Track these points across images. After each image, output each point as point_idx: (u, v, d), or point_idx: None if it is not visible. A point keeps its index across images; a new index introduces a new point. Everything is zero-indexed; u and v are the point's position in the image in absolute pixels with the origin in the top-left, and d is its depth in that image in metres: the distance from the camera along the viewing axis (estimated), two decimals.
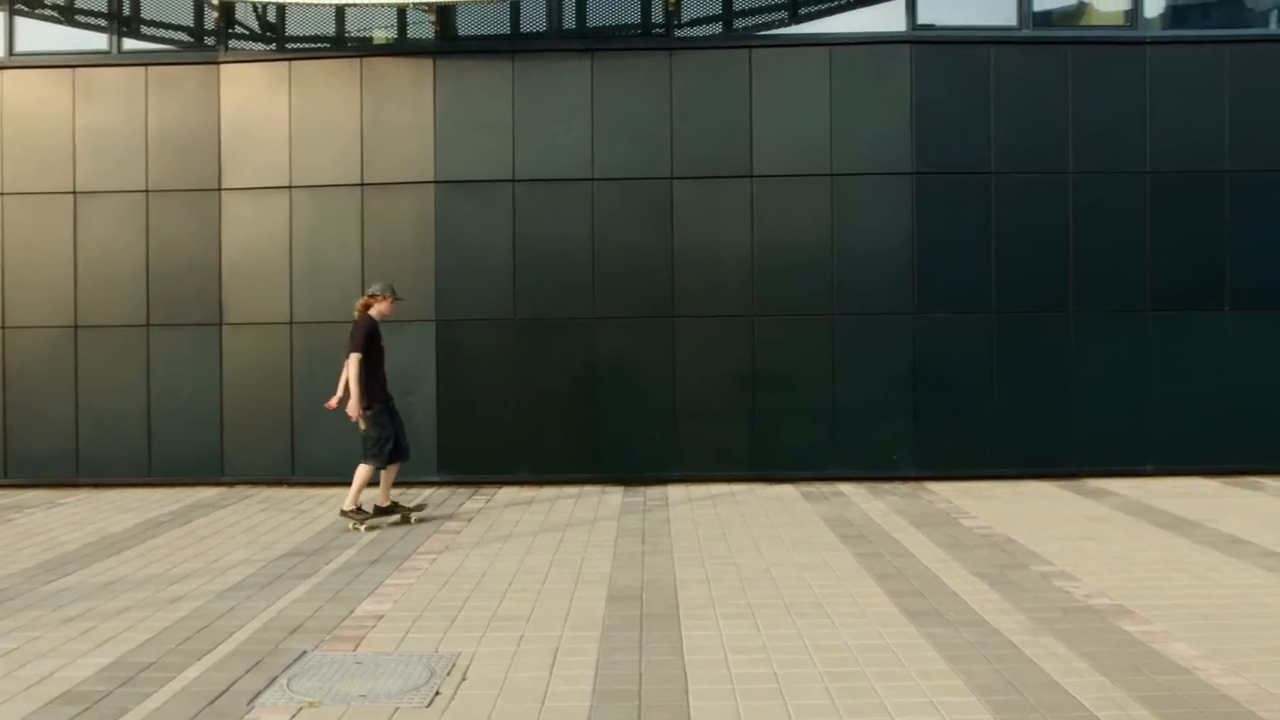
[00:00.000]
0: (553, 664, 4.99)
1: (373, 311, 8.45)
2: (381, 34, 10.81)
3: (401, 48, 10.66)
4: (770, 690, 4.59)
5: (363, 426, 8.35)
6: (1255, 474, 10.42)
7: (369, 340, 8.31)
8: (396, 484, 8.84)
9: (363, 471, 8.37)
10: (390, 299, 8.50)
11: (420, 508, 9.01)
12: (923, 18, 10.47)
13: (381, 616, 5.85)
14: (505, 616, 5.82)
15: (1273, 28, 10.97)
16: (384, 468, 8.46)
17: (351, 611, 5.96)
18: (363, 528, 8.28)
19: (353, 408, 8.24)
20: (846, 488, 10.00)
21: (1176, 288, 10.42)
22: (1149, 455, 10.46)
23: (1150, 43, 10.45)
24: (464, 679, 4.80)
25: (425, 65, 10.45)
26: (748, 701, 4.47)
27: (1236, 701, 4.42)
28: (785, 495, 9.66)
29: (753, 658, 5.02)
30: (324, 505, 9.41)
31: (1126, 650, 5.09)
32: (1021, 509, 8.91)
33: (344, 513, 8.34)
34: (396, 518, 8.52)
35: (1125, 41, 10.48)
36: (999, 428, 10.37)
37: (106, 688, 4.72)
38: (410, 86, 10.45)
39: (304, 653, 5.21)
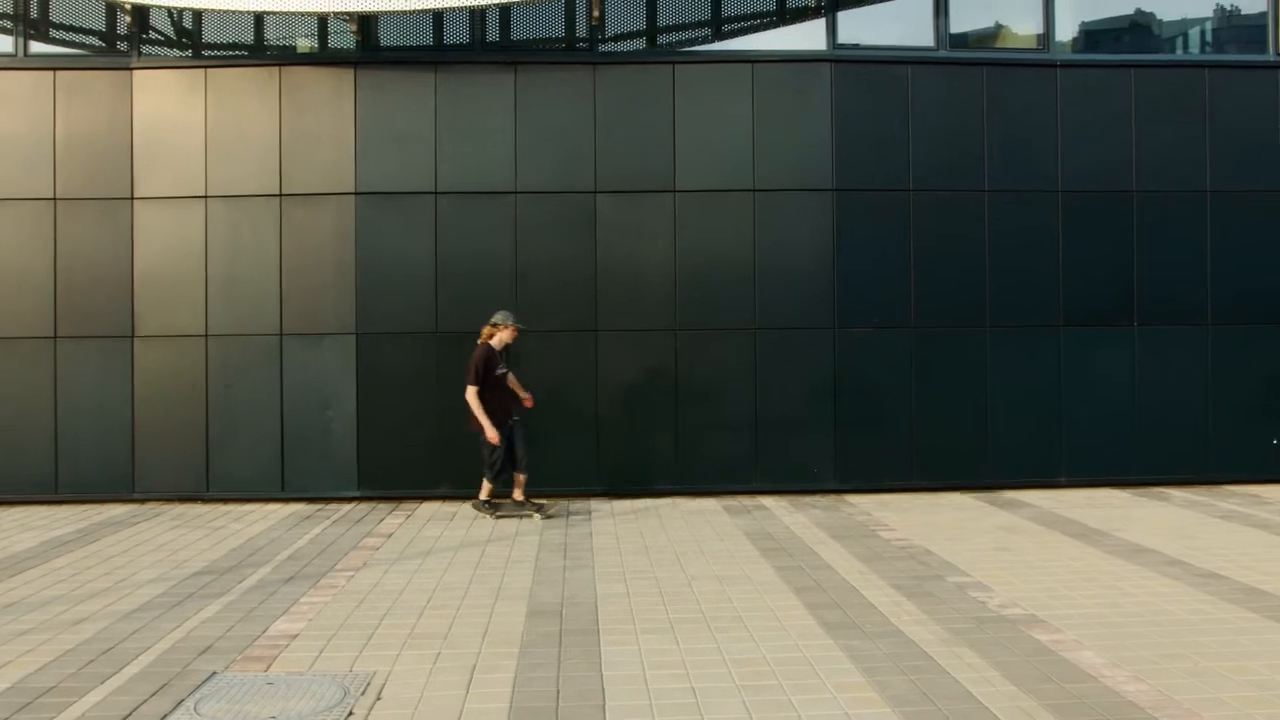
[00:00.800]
0: (469, 682, 4.93)
1: (494, 341, 9.13)
2: (303, 43, 10.65)
3: (322, 57, 10.51)
4: (688, 705, 4.59)
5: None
6: (1163, 485, 10.72)
7: (485, 369, 9.03)
8: (314, 499, 8.66)
9: (484, 487, 9.34)
10: (513, 327, 9.18)
11: (539, 506, 9.43)
12: (843, 37, 10.63)
13: (295, 635, 5.73)
14: (422, 634, 5.74)
15: (1178, 53, 11.34)
16: (493, 482, 9.30)
17: (264, 631, 5.83)
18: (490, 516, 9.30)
19: (490, 434, 9.04)
20: (769, 501, 10.07)
21: (1088, 304, 10.70)
22: (1062, 467, 10.71)
23: (1061, 65, 10.74)
24: (378, 699, 4.72)
25: (346, 75, 10.32)
26: (665, 717, 4.46)
27: (1141, 708, 4.53)
28: (708, 509, 9.69)
29: (671, 672, 5.02)
30: (240, 522, 9.21)
31: (1037, 659, 5.19)
32: (939, 521, 9.05)
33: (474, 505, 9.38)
34: (497, 514, 9.35)
35: (1037, 64, 10.76)
36: (918, 441, 10.53)
37: (3, 715, 4.54)
38: (331, 96, 10.31)
39: (213, 674, 5.08)
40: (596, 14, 10.39)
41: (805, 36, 10.65)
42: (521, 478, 9.36)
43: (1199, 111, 10.85)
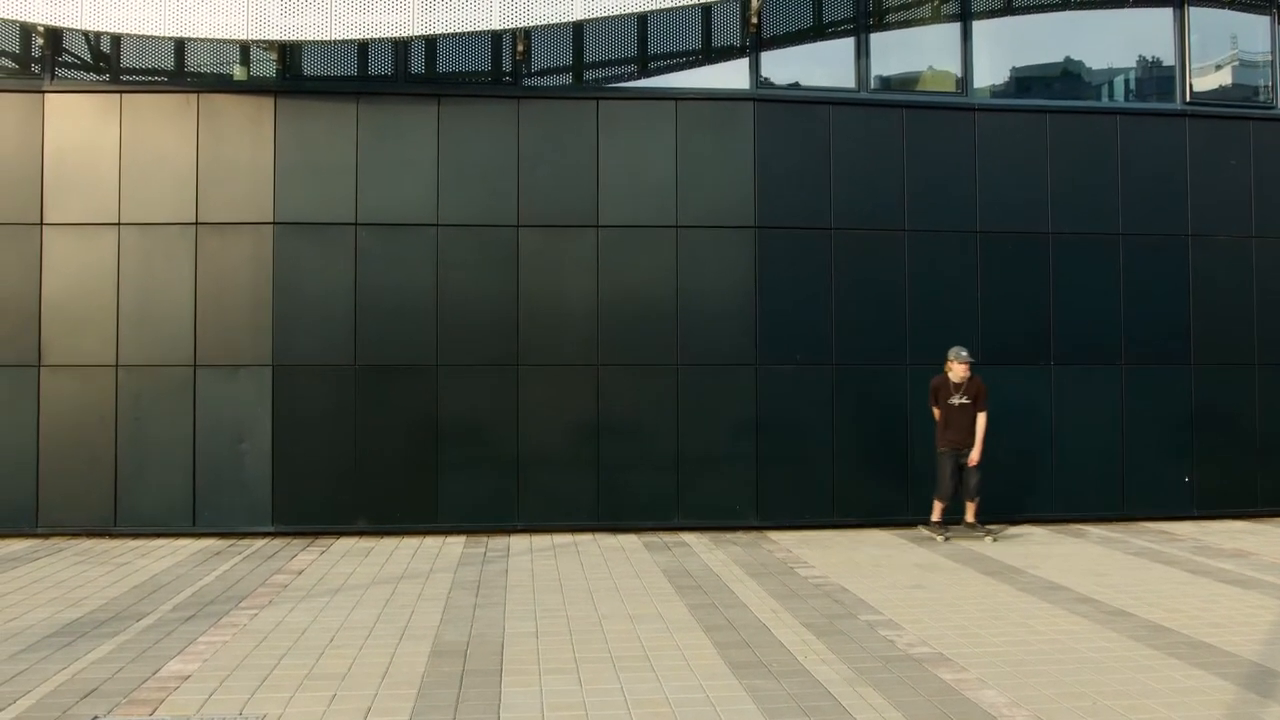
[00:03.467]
0: None
1: (951, 374, 9.88)
2: (223, 70, 10.49)
3: (242, 85, 10.36)
4: None
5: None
6: (1081, 522, 10.88)
7: (934, 395, 10.05)
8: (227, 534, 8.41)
9: (935, 508, 10.11)
10: (953, 362, 9.88)
11: (990, 530, 10.06)
12: (766, 76, 10.76)
13: (187, 676, 5.54)
14: (320, 675, 5.58)
15: (1091, 100, 11.62)
16: (940, 501, 10.07)
17: (155, 672, 5.63)
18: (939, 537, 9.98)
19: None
20: (690, 538, 10.02)
21: (1005, 342, 10.87)
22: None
23: (979, 109, 10.96)
24: None
25: (266, 103, 10.19)
26: None
27: None
28: (628, 546, 9.61)
29: (570, 714, 4.92)
30: (146, 558, 8.94)
31: (939, 699, 5.19)
32: (858, 558, 9.07)
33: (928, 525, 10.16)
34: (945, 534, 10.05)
35: (956, 107, 10.97)
36: (840, 477, 10.58)
37: None
38: (250, 124, 10.16)
39: (95, 718, 4.87)
40: (521, 48, 10.40)
41: (729, 75, 10.76)
42: (971, 505, 10.04)
43: (1111, 157, 11.13)
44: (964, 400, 9.81)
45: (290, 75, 10.38)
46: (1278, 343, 11.31)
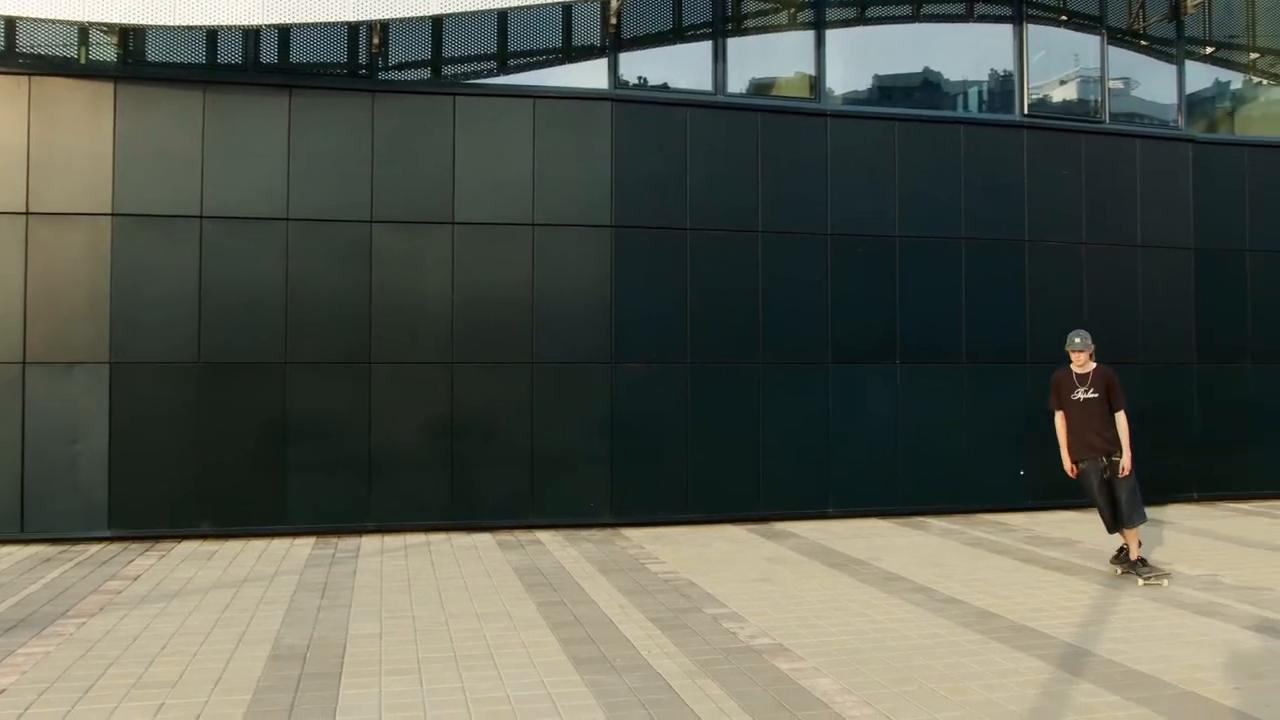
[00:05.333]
0: None
1: (1073, 365, 8.27)
2: (59, 52, 9.99)
3: (79, 68, 9.90)
4: None
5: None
6: (924, 514, 11.30)
7: (1055, 392, 8.38)
8: (59, 540, 8.02)
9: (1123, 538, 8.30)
10: (1071, 351, 8.25)
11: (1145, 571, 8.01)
12: (625, 77, 10.84)
13: (2, 691, 5.27)
14: (149, 684, 5.39)
15: (936, 110, 12.06)
16: (1112, 531, 8.21)
17: None
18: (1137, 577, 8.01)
19: (1065, 464, 8.29)
20: (545, 535, 10.03)
21: (855, 342, 11.21)
22: (831, 499, 11.13)
23: (831, 115, 11.27)
24: None
25: (106, 89, 9.76)
26: None
27: None
28: (482, 544, 9.56)
29: (407, 715, 4.88)
30: None
31: (775, 688, 5.32)
32: (709, 553, 9.22)
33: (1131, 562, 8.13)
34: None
35: (810, 113, 11.25)
36: (693, 474, 10.74)
37: None
38: (88, 111, 9.72)
39: None
40: (377, 41, 10.24)
41: (588, 75, 10.81)
42: (1131, 535, 8.05)
43: (955, 164, 11.59)
44: (1090, 394, 8.11)
45: (133, 61, 9.97)
46: (1103, 341, 11.90)
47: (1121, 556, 8.21)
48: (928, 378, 11.45)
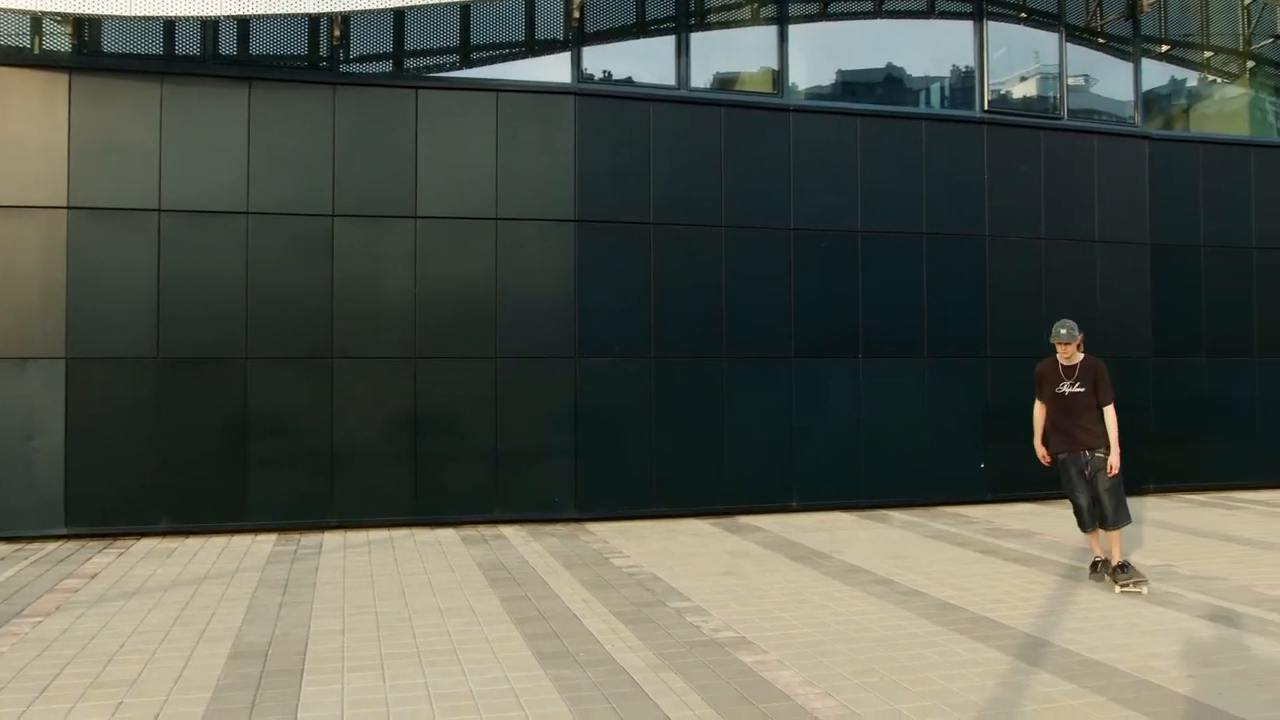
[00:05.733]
0: None
1: (1060, 356, 7.76)
2: (10, 42, 9.83)
3: (32, 58, 9.73)
4: None
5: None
6: (886, 508, 11.40)
7: (1038, 387, 7.92)
8: (14, 538, 7.91)
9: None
10: (1055, 342, 7.72)
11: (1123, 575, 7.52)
12: (588, 71, 10.83)
13: None
14: (106, 683, 5.32)
15: (898, 105, 12.13)
16: (1085, 530, 7.80)
17: None
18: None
19: (1038, 450, 7.93)
20: (509, 530, 10.01)
21: (817, 336, 11.27)
22: (794, 492, 11.19)
23: (794, 110, 11.32)
24: None
25: (60, 80, 9.60)
26: None
27: None
28: (445, 540, 9.53)
29: (370, 711, 4.86)
30: None
31: (738, 681, 5.35)
32: (673, 547, 9.24)
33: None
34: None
35: (772, 108, 11.29)
36: (657, 468, 10.76)
37: None
38: (41, 101, 9.56)
39: None
40: (338, 33, 10.15)
41: (552, 69, 10.78)
42: (1114, 537, 7.55)
43: (917, 159, 11.68)
44: (1077, 388, 7.62)
45: (88, 51, 9.83)
46: None
47: (1100, 567, 7.76)
48: (890, 372, 11.54)
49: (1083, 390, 7.60)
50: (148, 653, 5.87)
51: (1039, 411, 7.92)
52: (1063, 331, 7.61)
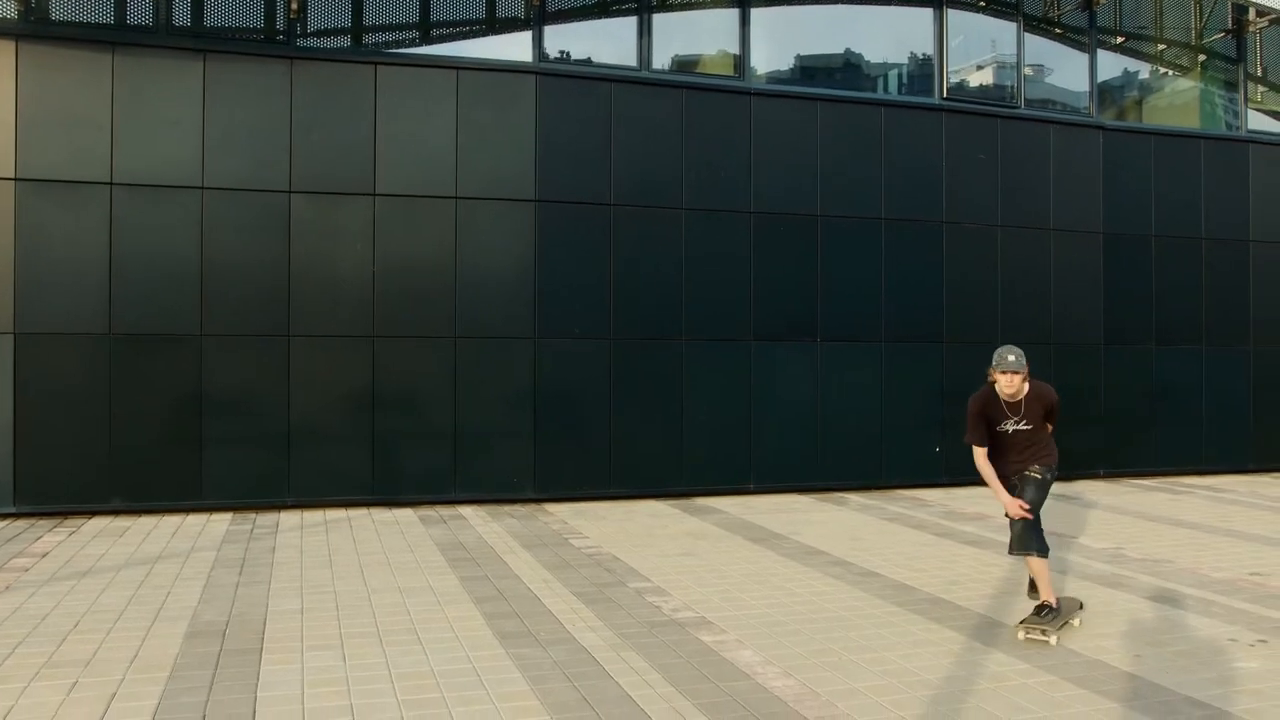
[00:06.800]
0: (105, 713, 4.55)
1: (1000, 387, 6.10)
2: None
3: None
4: None
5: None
6: (843, 490, 11.51)
7: (972, 425, 6.26)
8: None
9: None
10: (998, 371, 6.07)
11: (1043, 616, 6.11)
12: (549, 51, 10.76)
13: None
14: (60, 663, 5.25)
15: (857, 91, 12.20)
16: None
17: None
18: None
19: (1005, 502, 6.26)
20: (468, 511, 9.99)
21: (776, 319, 11.33)
22: (752, 474, 11.26)
23: (755, 94, 11.33)
24: None
25: (6, 48, 9.37)
26: None
27: (784, 701, 4.79)
28: (404, 519, 9.49)
29: (330, 690, 4.84)
30: None
31: (698, 660, 5.39)
32: (631, 528, 9.27)
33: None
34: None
35: (733, 90, 11.30)
36: (616, 449, 10.77)
37: None
38: None
39: None
40: (296, 6, 10.00)
41: (513, 48, 10.72)
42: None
43: (876, 145, 11.75)
44: (1022, 425, 6.19)
45: (35, 18, 9.60)
46: (1016, 322, 12.26)
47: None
48: (847, 356, 11.63)
49: (1030, 428, 6.21)
50: (103, 632, 5.80)
51: (981, 460, 6.29)
52: (1011, 359, 6.03)
